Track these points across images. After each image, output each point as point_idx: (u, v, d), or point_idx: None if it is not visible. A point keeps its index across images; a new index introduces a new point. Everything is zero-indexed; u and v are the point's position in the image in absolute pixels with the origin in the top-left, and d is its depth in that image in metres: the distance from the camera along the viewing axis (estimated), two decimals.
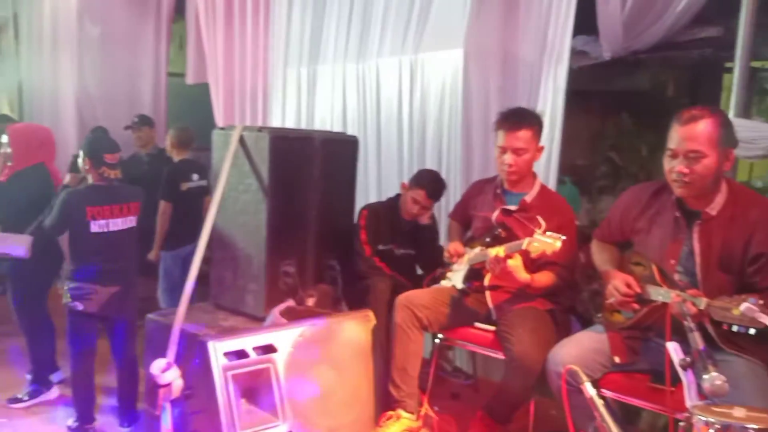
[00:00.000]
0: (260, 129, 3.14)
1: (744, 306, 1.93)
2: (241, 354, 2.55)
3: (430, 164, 3.95)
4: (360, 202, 3.84)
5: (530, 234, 2.59)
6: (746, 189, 2.50)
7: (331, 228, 3.55)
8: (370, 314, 2.94)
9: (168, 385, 2.40)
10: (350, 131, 4.39)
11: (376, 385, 2.86)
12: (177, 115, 6.09)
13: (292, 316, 2.94)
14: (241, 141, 3.09)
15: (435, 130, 4.01)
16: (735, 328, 2.00)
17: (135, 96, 6.24)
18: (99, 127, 5.14)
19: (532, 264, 2.76)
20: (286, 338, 2.66)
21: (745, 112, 3.45)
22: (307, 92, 4.77)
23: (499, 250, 2.68)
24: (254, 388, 2.56)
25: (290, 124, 4.87)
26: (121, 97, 6.15)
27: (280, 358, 2.61)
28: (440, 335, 3.03)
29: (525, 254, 2.62)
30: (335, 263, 3.68)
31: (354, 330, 2.86)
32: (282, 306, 3.04)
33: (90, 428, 3.17)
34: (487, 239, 2.94)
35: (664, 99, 4.99)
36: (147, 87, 6.29)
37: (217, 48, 5.29)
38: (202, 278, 2.96)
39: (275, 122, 4.95)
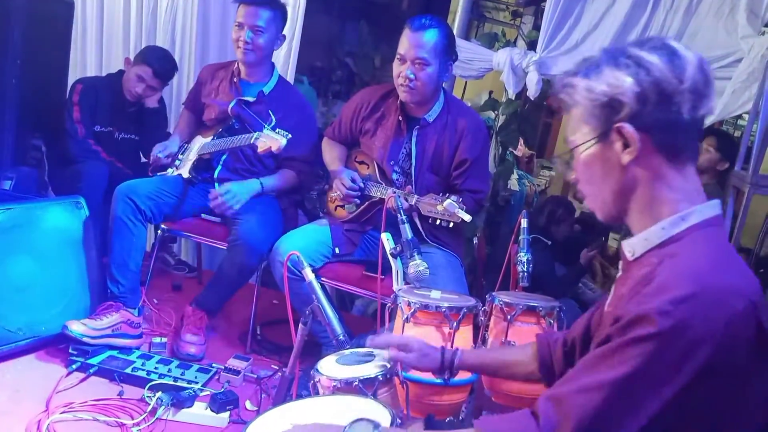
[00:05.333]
0: None
1: (447, 203, 2.18)
2: None
3: (161, 43, 3.60)
4: (74, 77, 3.38)
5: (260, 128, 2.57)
6: (459, 101, 2.77)
7: (36, 102, 3.06)
8: (82, 201, 2.64)
9: None
10: None
11: (91, 277, 2.62)
12: None
13: None
14: None
15: (169, 4, 3.64)
16: (438, 222, 2.25)
17: None
18: None
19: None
20: None
21: (466, 35, 3.80)
22: None
23: (238, 140, 2.61)
24: None
25: None
26: None
27: None
28: (164, 227, 2.87)
29: (253, 147, 2.58)
30: (41, 143, 3.23)
31: (61, 218, 2.55)
32: None
33: None
34: (221, 130, 2.83)
35: (399, 12, 5.24)
36: None
37: None
38: None
39: None
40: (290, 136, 2.52)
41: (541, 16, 3.31)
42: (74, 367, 2.32)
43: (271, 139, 2.49)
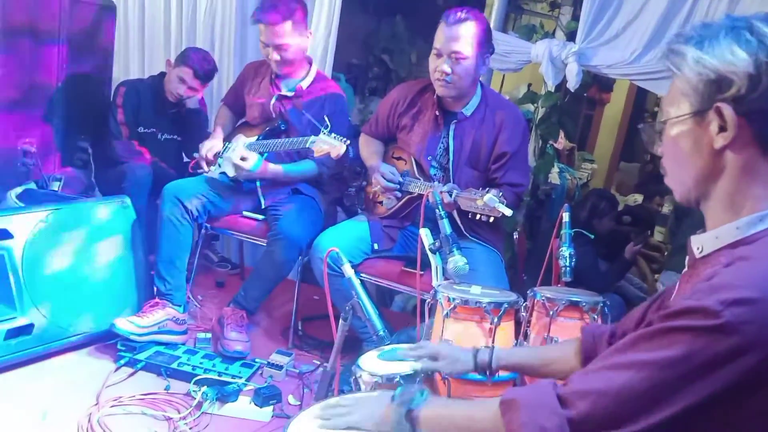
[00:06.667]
0: None
1: (487, 197, 2.15)
2: None
3: (201, 43, 3.66)
4: (117, 80, 3.46)
5: (314, 130, 2.59)
6: (497, 94, 2.75)
7: (82, 105, 3.16)
8: (128, 201, 2.70)
9: None
10: None
11: (138, 275, 2.69)
12: None
13: (33, 201, 2.60)
14: None
15: (208, 5, 3.69)
16: (478, 217, 2.23)
17: None
18: None
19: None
20: (24, 223, 2.34)
21: (503, 27, 3.76)
22: None
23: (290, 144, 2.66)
24: None
25: None
26: None
27: (16, 245, 2.30)
28: (207, 225, 2.92)
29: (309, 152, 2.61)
30: (87, 145, 3.33)
31: (108, 217, 2.62)
32: (19, 189, 2.66)
33: None
34: (267, 129, 2.87)
35: (435, 6, 5.21)
36: None
37: None
38: None
39: None
40: (348, 141, 2.52)
41: (580, 6, 3.24)
42: (122, 362, 2.39)
43: (329, 145, 2.50)
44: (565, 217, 2.21)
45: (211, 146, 2.92)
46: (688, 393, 0.88)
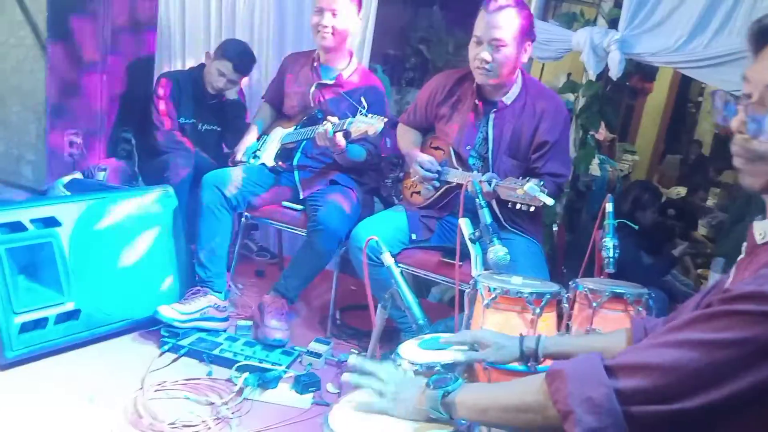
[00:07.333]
0: None
1: (528, 186, 2.12)
2: (16, 227, 2.27)
3: (240, 35, 3.69)
4: (160, 71, 3.52)
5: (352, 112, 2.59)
6: (538, 82, 2.70)
7: (125, 96, 3.22)
8: (171, 190, 2.76)
9: None
10: None
11: (180, 263, 2.74)
12: None
13: (79, 190, 2.67)
14: None
15: None
16: (518, 207, 2.20)
17: None
18: None
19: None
20: (71, 211, 2.41)
21: (543, 15, 3.69)
22: None
23: (327, 126, 2.64)
24: (35, 263, 2.31)
25: None
26: None
27: (64, 233, 2.37)
28: (247, 214, 2.96)
29: (346, 133, 2.61)
30: (131, 136, 3.40)
31: (151, 206, 2.68)
32: (67, 178, 2.74)
33: None
34: (304, 119, 2.88)
35: None
36: None
37: None
38: None
39: None
40: (386, 119, 2.52)
41: None
42: (166, 348, 2.44)
43: (366, 124, 2.50)
44: (609, 207, 2.16)
45: (245, 143, 2.97)
46: (739, 378, 0.86)
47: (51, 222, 2.37)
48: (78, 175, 3.07)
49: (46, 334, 2.29)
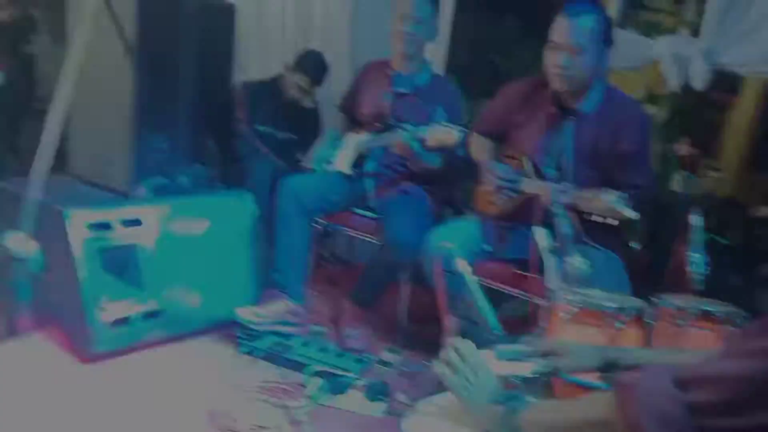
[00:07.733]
0: None
1: (607, 197, 2.06)
2: (104, 227, 2.38)
3: (316, 44, 3.76)
4: (239, 79, 3.63)
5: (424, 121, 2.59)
6: (620, 91, 2.61)
7: (206, 104, 3.32)
8: (249, 196, 2.83)
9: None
10: None
11: (258, 267, 2.81)
12: None
13: (163, 193, 2.77)
14: None
15: (322, 4, 3.79)
16: (599, 219, 2.13)
17: None
18: None
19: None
20: (155, 214, 2.51)
21: (622, 23, 3.59)
22: None
23: (403, 134, 2.65)
24: (120, 263, 2.42)
25: None
26: None
27: (148, 234, 2.47)
28: (320, 220, 3.01)
29: (422, 141, 2.61)
30: (212, 143, 3.51)
31: (231, 211, 2.76)
32: (152, 182, 2.85)
33: None
34: (380, 126, 2.91)
35: (547, 5, 5.07)
36: None
37: None
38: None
39: None
40: (465, 129, 2.51)
41: (704, 0, 3.04)
42: (243, 350, 2.50)
43: (444, 134, 2.49)
44: (697, 221, 2.07)
45: (317, 149, 3.02)
46: None
47: (136, 223, 2.47)
48: (162, 180, 3.19)
49: (130, 331, 2.39)
